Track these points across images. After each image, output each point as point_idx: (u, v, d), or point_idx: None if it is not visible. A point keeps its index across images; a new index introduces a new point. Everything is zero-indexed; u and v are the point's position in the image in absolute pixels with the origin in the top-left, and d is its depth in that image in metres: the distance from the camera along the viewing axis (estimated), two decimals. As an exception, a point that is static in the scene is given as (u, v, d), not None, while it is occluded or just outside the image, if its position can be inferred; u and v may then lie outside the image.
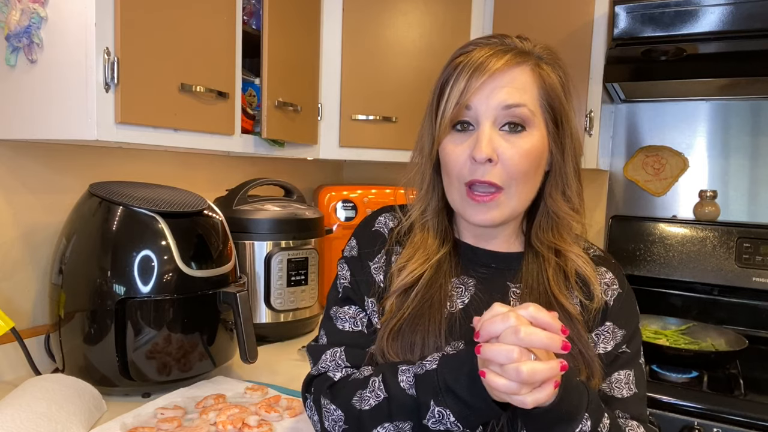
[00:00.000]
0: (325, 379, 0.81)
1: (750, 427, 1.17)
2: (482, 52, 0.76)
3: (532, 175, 0.78)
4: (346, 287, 0.86)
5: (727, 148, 1.84)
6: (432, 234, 0.84)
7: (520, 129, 0.76)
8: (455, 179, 0.78)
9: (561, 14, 1.73)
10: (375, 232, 0.88)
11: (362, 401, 0.74)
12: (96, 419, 1.03)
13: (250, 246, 1.53)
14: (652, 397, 1.25)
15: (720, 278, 1.74)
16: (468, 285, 0.82)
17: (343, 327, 0.84)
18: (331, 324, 0.85)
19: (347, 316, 0.84)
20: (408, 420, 0.71)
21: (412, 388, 0.71)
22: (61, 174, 1.33)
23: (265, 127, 1.45)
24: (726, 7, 1.48)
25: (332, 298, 0.88)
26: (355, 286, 0.85)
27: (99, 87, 1.03)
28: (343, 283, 0.87)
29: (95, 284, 1.10)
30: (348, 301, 0.85)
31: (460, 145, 0.77)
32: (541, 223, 0.84)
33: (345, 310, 0.85)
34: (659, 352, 1.39)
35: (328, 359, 0.82)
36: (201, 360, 1.20)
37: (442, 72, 0.80)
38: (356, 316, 0.84)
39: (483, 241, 0.85)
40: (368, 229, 0.89)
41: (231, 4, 1.32)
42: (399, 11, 1.76)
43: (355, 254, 0.87)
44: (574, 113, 0.82)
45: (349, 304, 0.85)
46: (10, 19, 1.08)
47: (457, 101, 0.75)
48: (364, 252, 0.86)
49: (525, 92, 0.76)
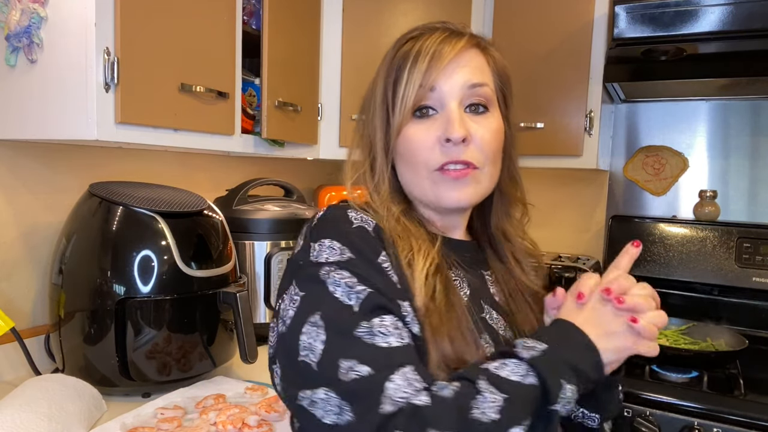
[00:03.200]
0: (413, 412, 0.58)
1: (750, 427, 1.17)
2: (435, 37, 0.75)
3: (499, 155, 0.78)
4: (370, 294, 0.65)
5: (727, 148, 1.84)
6: (415, 227, 0.76)
7: (482, 110, 0.76)
8: (423, 168, 0.74)
9: (561, 14, 1.73)
10: (361, 229, 0.70)
11: (483, 413, 0.59)
12: (96, 419, 1.03)
13: (250, 246, 1.53)
14: (653, 397, 1.25)
15: (720, 278, 1.74)
16: (461, 276, 0.79)
17: (388, 343, 0.63)
18: (362, 345, 0.62)
19: (387, 329, 0.64)
20: (533, 415, 0.61)
21: (529, 375, 0.62)
22: (61, 174, 1.33)
23: (265, 127, 1.45)
24: (726, 7, 1.48)
25: (341, 317, 0.64)
26: (382, 289, 0.66)
27: (99, 87, 1.03)
28: (355, 292, 0.65)
29: (95, 284, 1.10)
30: (378, 310, 0.65)
31: (425, 131, 0.74)
32: (496, 207, 0.84)
33: (378, 322, 0.64)
34: (659, 352, 1.39)
35: (401, 387, 0.60)
36: (201, 360, 1.20)
37: (389, 61, 0.77)
38: (398, 326, 0.65)
39: (448, 231, 0.82)
40: (348, 226, 0.70)
41: (231, 4, 1.32)
42: (399, 11, 1.76)
43: (352, 256, 0.68)
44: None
45: (379, 314, 0.65)
46: (10, 19, 1.08)
47: (421, 84, 0.73)
48: (365, 251, 0.69)
49: (483, 72, 0.76)
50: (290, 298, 0.67)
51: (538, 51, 1.76)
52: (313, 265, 0.67)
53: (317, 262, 0.67)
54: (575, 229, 2.08)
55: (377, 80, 0.78)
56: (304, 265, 0.68)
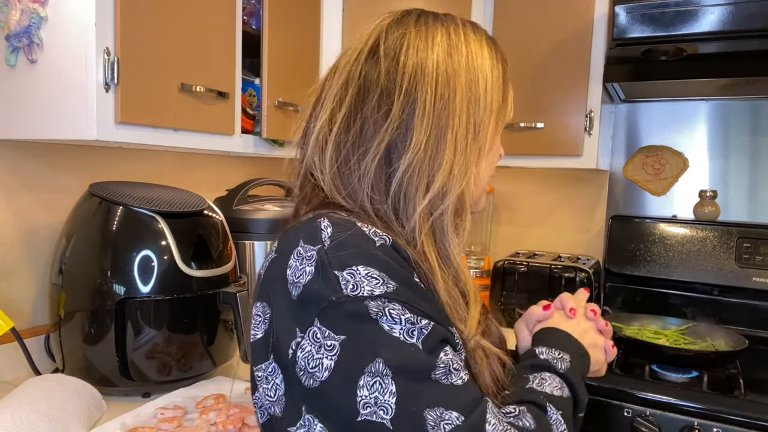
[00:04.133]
0: None
1: (750, 427, 1.17)
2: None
3: None
4: (434, 327, 0.58)
5: (727, 148, 1.84)
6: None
7: None
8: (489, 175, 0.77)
9: (561, 14, 1.73)
10: (386, 248, 0.61)
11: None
12: (96, 419, 1.03)
13: (250, 246, 1.53)
14: (652, 397, 1.25)
15: (720, 278, 1.74)
16: None
17: (462, 380, 0.57)
18: (442, 388, 0.55)
19: (456, 363, 0.58)
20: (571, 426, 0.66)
21: (564, 388, 0.67)
22: (61, 174, 1.33)
23: (265, 127, 1.45)
24: (726, 7, 1.48)
25: (411, 360, 0.55)
26: (437, 318, 0.60)
27: (99, 87, 1.03)
28: (417, 327, 0.57)
29: (95, 284, 1.10)
30: (441, 344, 0.58)
31: None
32: None
33: (445, 358, 0.57)
34: (659, 352, 1.39)
35: (498, 427, 0.56)
36: (201, 360, 1.20)
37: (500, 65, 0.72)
38: (459, 359, 0.60)
39: None
40: (370, 246, 0.59)
41: (231, 4, 1.32)
42: (399, 11, 1.76)
43: (396, 284, 0.58)
44: None
45: (443, 347, 0.58)
46: (10, 19, 1.08)
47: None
48: (405, 276, 0.60)
49: None
50: (317, 343, 0.55)
51: (538, 51, 1.76)
52: (353, 301, 0.55)
53: (360, 296, 0.55)
54: (575, 229, 2.08)
55: (495, 82, 0.77)
56: (340, 302, 0.56)
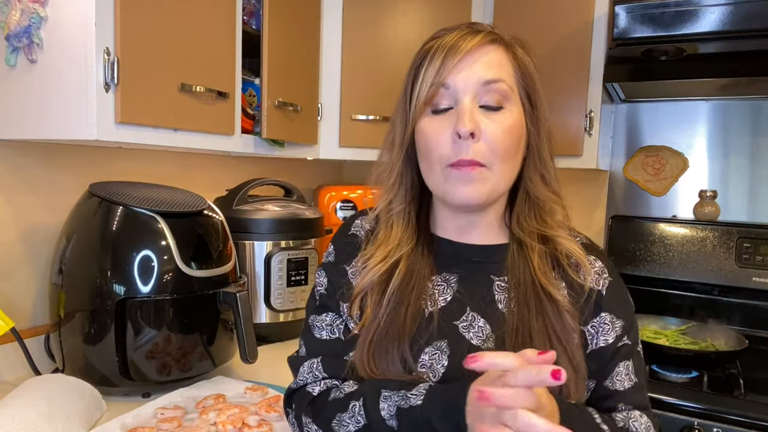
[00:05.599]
0: (304, 395, 0.80)
1: (750, 427, 1.17)
2: (454, 35, 0.75)
3: (513, 153, 0.75)
4: (322, 294, 0.84)
5: (727, 148, 1.84)
6: (397, 228, 0.80)
7: (499, 107, 0.74)
8: (436, 162, 0.74)
9: (561, 14, 1.73)
10: (351, 236, 0.85)
11: (341, 425, 0.73)
12: (96, 419, 1.03)
13: (250, 246, 1.53)
14: (652, 397, 1.25)
15: (720, 278, 1.74)
16: (450, 282, 0.79)
17: (320, 336, 0.83)
18: (309, 334, 0.84)
19: (324, 324, 0.83)
20: None
21: (393, 419, 0.69)
22: (61, 174, 1.33)
23: (265, 127, 1.45)
24: (726, 7, 1.48)
25: (310, 308, 0.86)
26: (331, 291, 0.83)
27: (99, 87, 1.03)
28: (319, 290, 0.85)
29: (95, 284, 1.10)
30: (324, 308, 0.83)
31: (440, 125, 0.74)
32: (523, 209, 0.81)
33: (322, 317, 0.83)
34: (659, 352, 1.39)
35: (305, 371, 0.81)
36: (201, 360, 1.20)
37: (413, 60, 0.78)
38: (333, 323, 0.82)
39: (464, 233, 0.81)
40: (345, 233, 0.87)
41: (231, 4, 1.32)
42: (399, 11, 1.76)
43: (332, 260, 0.85)
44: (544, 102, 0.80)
45: (325, 311, 0.83)
46: (10, 19, 1.08)
47: (433, 81, 0.73)
48: (341, 257, 0.84)
49: (501, 68, 0.75)
50: None
51: (538, 51, 1.72)
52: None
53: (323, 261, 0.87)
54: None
55: (405, 78, 0.79)
56: None
